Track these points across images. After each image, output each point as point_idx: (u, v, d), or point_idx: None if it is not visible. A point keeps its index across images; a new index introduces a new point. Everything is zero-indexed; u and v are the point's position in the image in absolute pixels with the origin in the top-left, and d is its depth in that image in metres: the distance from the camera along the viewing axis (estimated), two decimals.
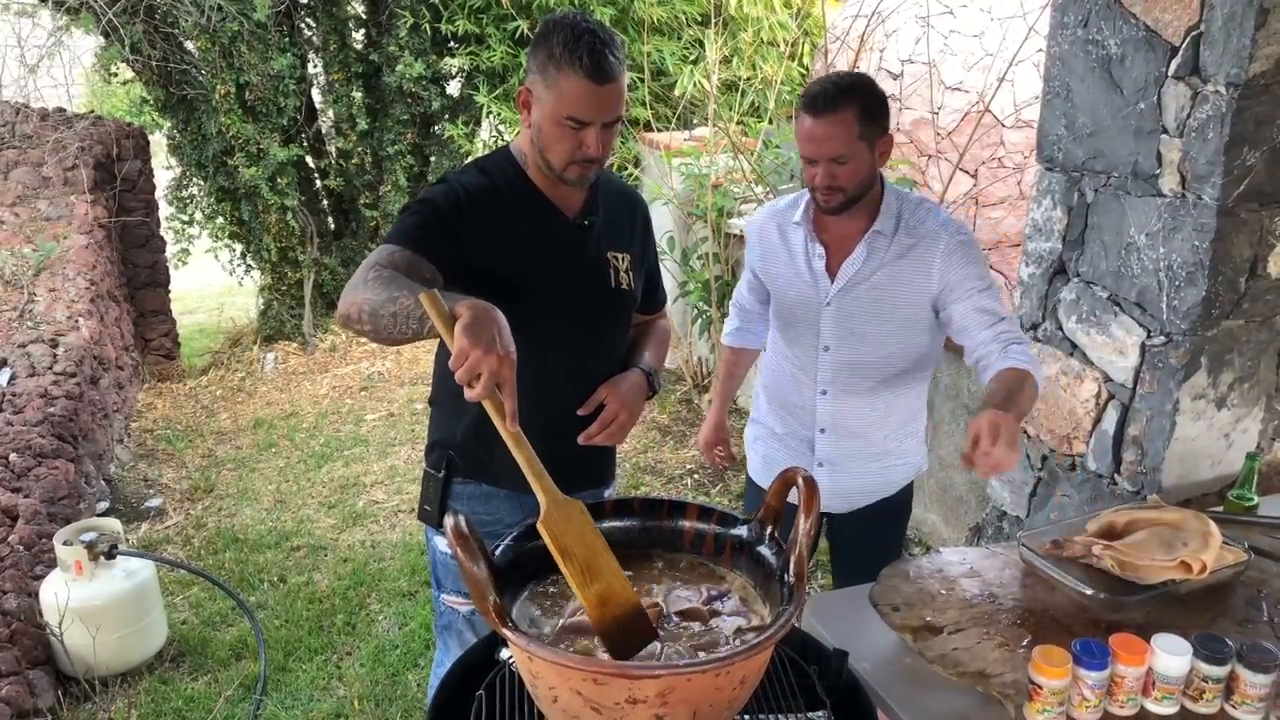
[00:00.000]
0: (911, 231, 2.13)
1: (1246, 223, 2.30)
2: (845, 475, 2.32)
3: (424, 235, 1.75)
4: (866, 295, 2.16)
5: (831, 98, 2.00)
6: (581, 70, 1.70)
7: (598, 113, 1.75)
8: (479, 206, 1.84)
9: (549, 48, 1.72)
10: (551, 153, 1.80)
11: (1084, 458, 2.70)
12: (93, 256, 5.50)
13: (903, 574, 1.97)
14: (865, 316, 2.17)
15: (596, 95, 1.73)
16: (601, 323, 1.99)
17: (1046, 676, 1.52)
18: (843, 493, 2.34)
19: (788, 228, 2.25)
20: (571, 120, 1.74)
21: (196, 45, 6.04)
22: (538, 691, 1.36)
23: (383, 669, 3.26)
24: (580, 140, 1.76)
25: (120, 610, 3.17)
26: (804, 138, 2.04)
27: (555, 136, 1.77)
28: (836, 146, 2.01)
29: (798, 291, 2.23)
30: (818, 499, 1.46)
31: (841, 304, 2.17)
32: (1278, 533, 2.15)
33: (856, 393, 2.24)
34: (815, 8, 5.85)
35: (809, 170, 2.07)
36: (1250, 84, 2.16)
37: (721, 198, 5.03)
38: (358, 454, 5.12)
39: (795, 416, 2.34)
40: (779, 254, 2.26)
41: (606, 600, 1.40)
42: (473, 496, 2.02)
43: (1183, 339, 2.38)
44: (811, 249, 2.19)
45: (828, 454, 2.31)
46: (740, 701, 1.38)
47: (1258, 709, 1.55)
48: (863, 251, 2.14)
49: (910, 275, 2.13)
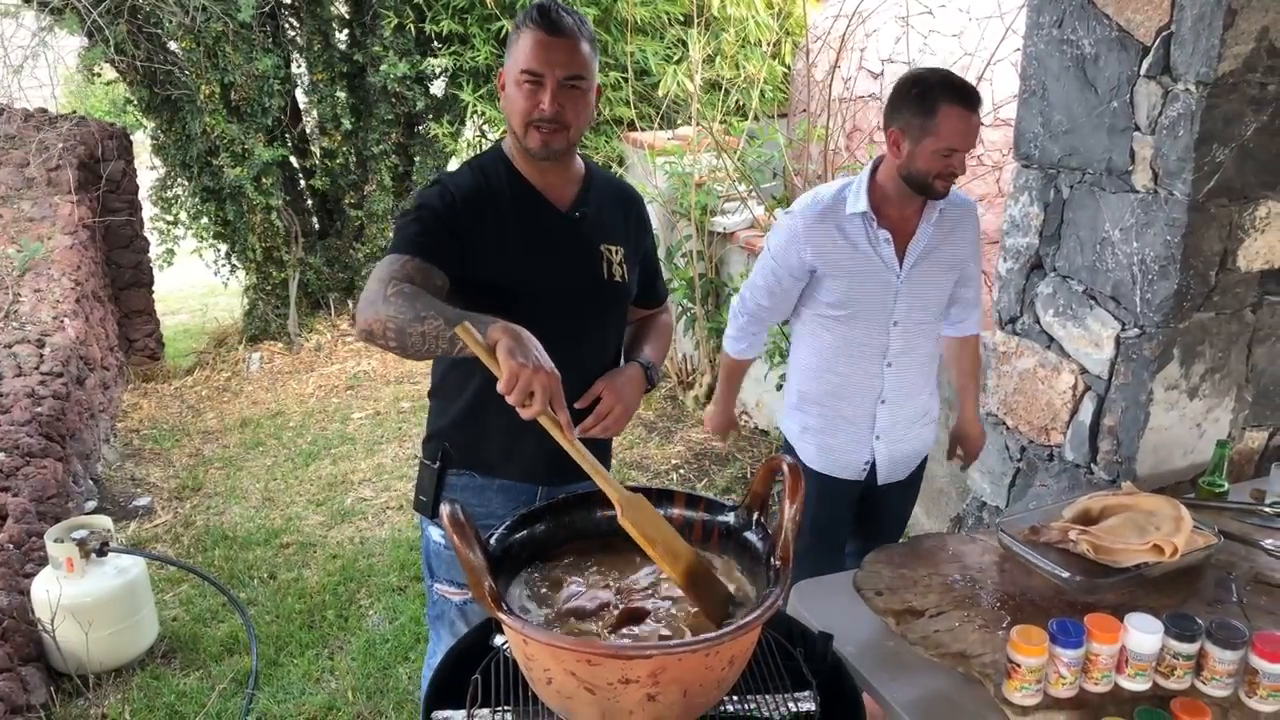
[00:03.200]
0: (952, 204, 2.37)
1: (1216, 217, 2.37)
2: (899, 442, 2.49)
3: (429, 242, 1.79)
4: (934, 267, 2.38)
5: (977, 94, 2.18)
6: (532, 24, 1.79)
7: (550, 65, 1.79)
8: (472, 203, 1.88)
9: (515, 22, 1.84)
10: (513, 118, 1.85)
11: (1061, 448, 2.76)
12: (77, 257, 5.50)
13: (885, 559, 2.02)
14: (932, 286, 2.39)
15: (548, 46, 1.79)
16: (595, 314, 2.02)
17: (1024, 655, 1.58)
18: (900, 458, 2.51)
19: (844, 222, 2.32)
20: (527, 74, 1.80)
21: (180, 45, 6.03)
22: (532, 674, 1.40)
23: (374, 662, 3.29)
24: (537, 100, 1.80)
25: (112, 607, 3.19)
26: (960, 131, 2.15)
27: (514, 98, 1.83)
28: (977, 139, 2.20)
29: (870, 278, 2.33)
30: (802, 485, 1.51)
31: (913, 280, 2.35)
32: (1247, 517, 2.22)
33: (916, 358, 2.44)
34: (796, 8, 5.89)
35: (946, 160, 2.18)
36: (1219, 83, 2.22)
37: (705, 196, 5.07)
38: (345, 452, 5.14)
39: (855, 395, 2.44)
40: (840, 249, 2.32)
41: (693, 573, 1.50)
42: (466, 488, 2.05)
43: (1156, 331, 2.45)
44: (877, 235, 2.31)
45: (885, 425, 2.46)
46: (729, 682, 1.42)
47: (1226, 684, 1.61)
48: (927, 229, 2.34)
49: (960, 242, 2.41)
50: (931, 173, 2.19)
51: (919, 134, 2.17)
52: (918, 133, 2.17)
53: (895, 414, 2.45)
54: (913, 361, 2.43)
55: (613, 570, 1.62)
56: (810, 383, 2.49)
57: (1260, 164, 2.36)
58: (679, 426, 5.23)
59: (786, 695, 1.54)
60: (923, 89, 2.16)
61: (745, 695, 1.54)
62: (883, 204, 2.30)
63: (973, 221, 2.44)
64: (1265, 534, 2.13)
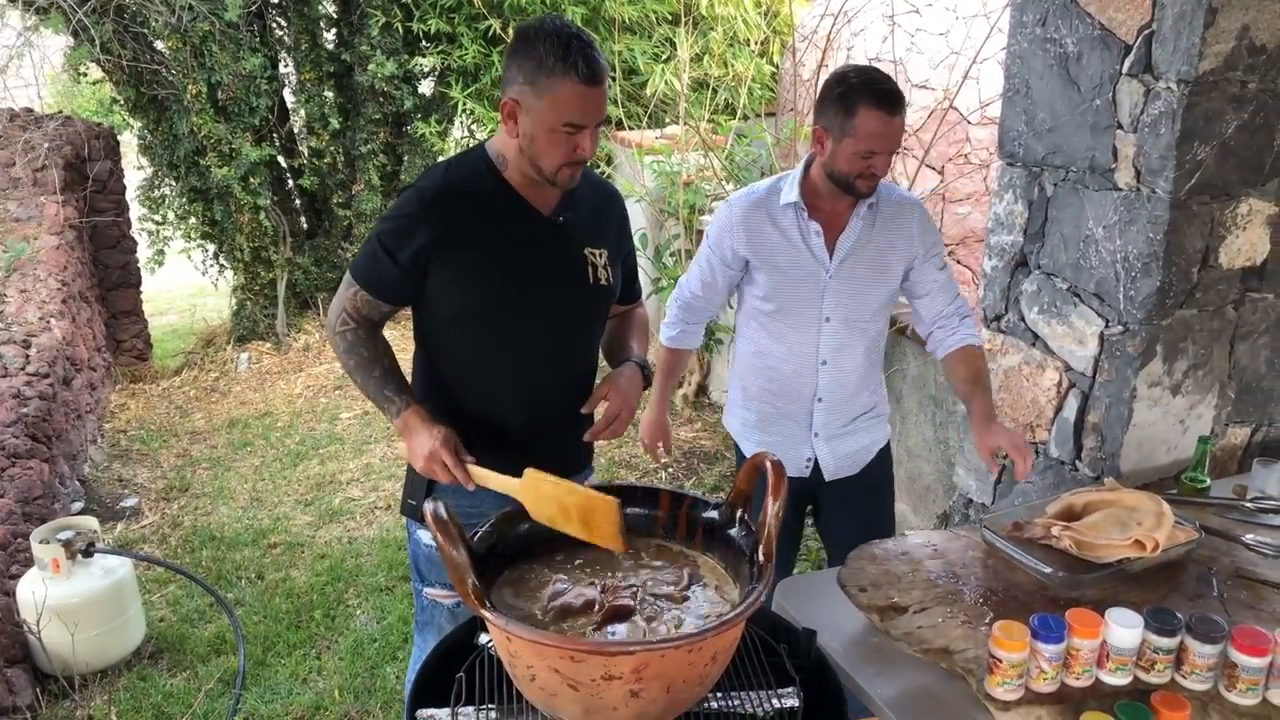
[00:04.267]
0: (888, 201, 2.35)
1: (1198, 215, 2.38)
2: (840, 439, 2.47)
3: (378, 279, 1.95)
4: (864, 264, 2.34)
5: (899, 99, 2.14)
6: (577, 76, 1.73)
7: (593, 116, 1.80)
8: (451, 211, 1.88)
9: (537, 57, 1.74)
10: (546, 159, 1.82)
11: (1046, 445, 2.77)
12: (64, 257, 5.48)
13: (869, 556, 2.03)
14: (863, 283, 2.35)
15: (591, 99, 1.77)
16: (581, 318, 2.03)
17: (1006, 650, 1.59)
18: (844, 454, 2.49)
19: (776, 212, 2.33)
20: (569, 126, 1.77)
21: (167, 45, 6.01)
22: (516, 671, 1.41)
23: (361, 661, 3.29)
24: (575, 144, 1.80)
25: (98, 608, 3.18)
26: (879, 134, 2.13)
27: (550, 143, 1.80)
28: (899, 142, 2.17)
29: (800, 269, 2.33)
30: (785, 482, 1.51)
31: (842, 275, 2.33)
32: (1228, 512, 2.23)
33: (852, 357, 2.40)
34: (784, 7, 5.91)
35: (865, 161, 2.17)
36: (1200, 81, 2.24)
37: (693, 195, 5.08)
38: (333, 452, 5.14)
39: (792, 393, 2.43)
40: (771, 239, 2.33)
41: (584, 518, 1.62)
42: (457, 490, 2.04)
43: (1139, 328, 2.46)
44: (807, 227, 2.30)
45: (823, 423, 2.45)
46: (712, 678, 1.43)
47: (1206, 678, 1.62)
48: (857, 224, 2.31)
49: (897, 241, 2.36)
50: (852, 173, 2.18)
51: (839, 134, 2.16)
52: (838, 133, 2.16)
53: (833, 412, 2.44)
54: (848, 361, 2.40)
55: (598, 567, 1.62)
56: (749, 379, 2.50)
57: (1241, 161, 2.37)
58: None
59: (770, 691, 1.55)
60: (845, 89, 2.14)
61: (729, 692, 1.55)
62: (815, 197, 2.31)
63: (914, 220, 2.37)
64: (1246, 529, 2.14)
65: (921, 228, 2.38)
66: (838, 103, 2.15)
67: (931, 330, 2.45)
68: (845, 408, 2.46)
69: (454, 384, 2.02)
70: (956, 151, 5.15)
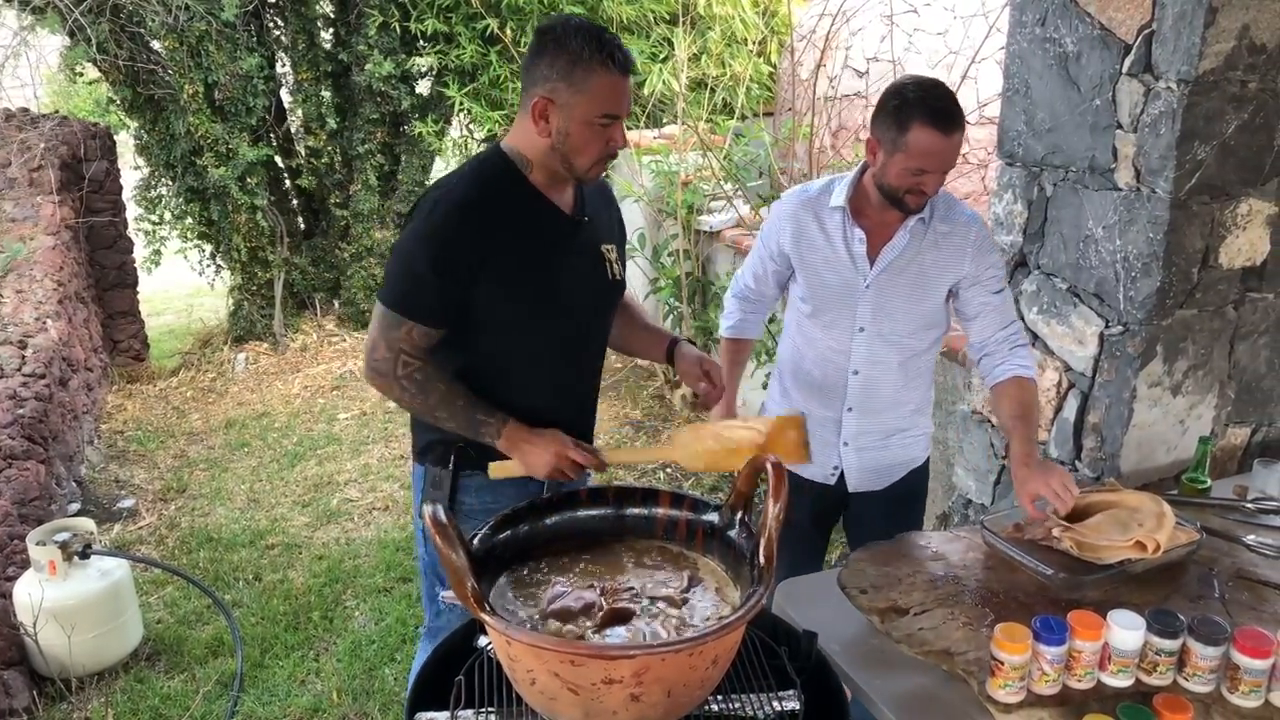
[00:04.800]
0: (946, 219, 2.26)
1: (1198, 215, 2.38)
2: (870, 451, 2.40)
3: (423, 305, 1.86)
4: (904, 278, 2.26)
5: (956, 117, 2.06)
6: (615, 67, 1.78)
7: (626, 106, 1.84)
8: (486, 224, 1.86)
9: (571, 53, 1.76)
10: (581, 155, 1.84)
11: (1046, 445, 2.77)
12: (60, 258, 5.46)
13: (870, 558, 2.02)
14: (901, 298, 2.27)
15: (624, 89, 1.82)
16: (602, 315, 2.09)
17: (1007, 652, 1.58)
18: (871, 468, 2.42)
19: (823, 214, 2.29)
20: (606, 117, 1.80)
21: (164, 45, 5.99)
22: (516, 675, 1.40)
23: (360, 663, 3.28)
24: (609, 136, 1.83)
25: (95, 610, 3.17)
26: (932, 152, 2.05)
27: (587, 138, 1.82)
28: (954, 161, 2.10)
29: (837, 275, 2.28)
30: (786, 484, 1.51)
31: (880, 286, 2.26)
32: (1229, 513, 2.23)
33: (885, 371, 2.33)
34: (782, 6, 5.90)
35: (916, 178, 2.09)
36: (1200, 80, 2.23)
37: (691, 195, 5.07)
38: (331, 453, 5.13)
39: (823, 398, 2.39)
40: (815, 239, 2.30)
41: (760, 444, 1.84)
42: (481, 487, 2.03)
43: (1139, 328, 2.46)
44: (852, 233, 2.25)
45: (853, 432, 2.38)
46: (713, 681, 1.42)
47: (1208, 680, 1.62)
48: (904, 237, 2.23)
49: (947, 261, 2.26)
50: (901, 188, 2.12)
51: (891, 148, 2.10)
52: (890, 146, 2.10)
53: (863, 424, 2.37)
54: (881, 375, 2.33)
55: (598, 570, 1.62)
56: (788, 379, 2.47)
57: (1241, 161, 2.37)
58: (666, 425, 5.23)
59: (771, 694, 1.55)
60: (901, 102, 2.08)
61: (730, 695, 1.54)
62: (864, 205, 2.25)
63: (969, 241, 2.25)
64: (1247, 530, 2.14)
65: (978, 249, 2.26)
66: (892, 116, 2.08)
67: (980, 357, 2.34)
68: (877, 421, 2.37)
69: (488, 386, 1.97)
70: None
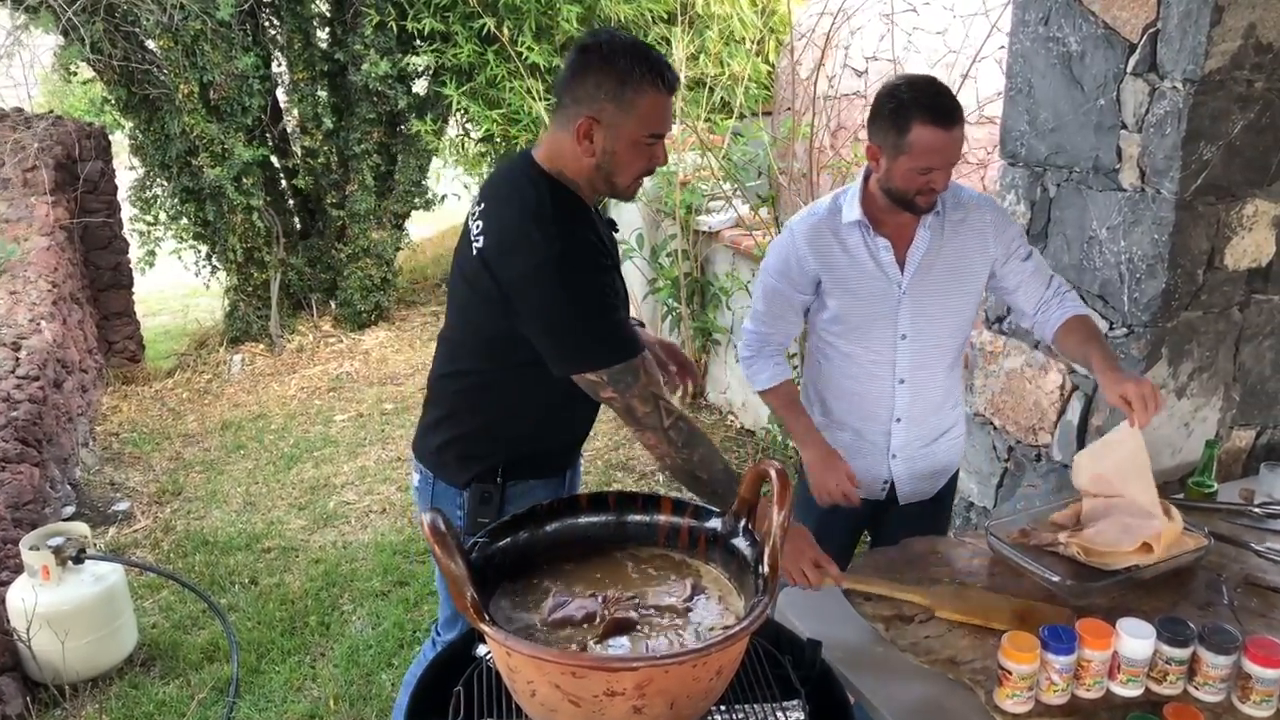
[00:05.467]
0: (958, 206, 2.21)
1: (1204, 216, 2.35)
2: (918, 460, 2.33)
3: (632, 341, 1.81)
4: (936, 274, 2.20)
5: (955, 111, 2.02)
6: (664, 86, 1.77)
7: (670, 124, 1.83)
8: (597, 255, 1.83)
9: (619, 72, 1.74)
10: (624, 174, 1.82)
11: (1049, 448, 2.75)
12: (54, 259, 5.43)
13: (874, 565, 2.00)
14: (939, 295, 2.21)
15: (670, 107, 1.81)
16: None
17: (1015, 662, 1.56)
18: (920, 475, 2.34)
19: (841, 231, 2.21)
20: (653, 136, 1.79)
21: (158, 44, 5.96)
22: (516, 686, 1.37)
23: (357, 669, 3.25)
24: (652, 154, 1.82)
25: (89, 615, 3.14)
26: (935, 149, 2.01)
27: (633, 156, 1.80)
28: (958, 155, 2.06)
29: (871, 289, 2.20)
30: (790, 491, 1.48)
31: (916, 289, 2.20)
32: (1236, 518, 2.20)
33: (932, 374, 2.27)
34: (781, 5, 5.87)
35: (924, 178, 2.05)
36: (1206, 80, 2.21)
37: (690, 195, 5.05)
38: (327, 455, 5.09)
39: (869, 414, 2.30)
40: (839, 259, 2.21)
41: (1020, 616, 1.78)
42: (522, 495, 1.99)
43: (1144, 330, 2.43)
44: (875, 244, 2.18)
45: (901, 444, 2.30)
46: (717, 692, 1.40)
47: (1219, 689, 1.59)
48: (925, 235, 2.18)
49: (973, 246, 2.21)
50: (910, 190, 2.07)
51: (894, 151, 2.05)
52: (893, 150, 2.05)
53: (911, 432, 2.30)
54: (929, 378, 2.27)
55: (598, 578, 1.59)
56: (829, 399, 2.35)
57: (1247, 161, 2.35)
58: None
59: (775, 704, 1.52)
60: (897, 104, 2.04)
61: (733, 705, 1.52)
62: (878, 212, 2.19)
63: (987, 221, 2.21)
64: (1255, 535, 2.11)
65: (997, 227, 2.22)
66: (890, 119, 2.04)
67: (1035, 320, 2.28)
68: (925, 426, 2.31)
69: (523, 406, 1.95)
70: None
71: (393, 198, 6.73)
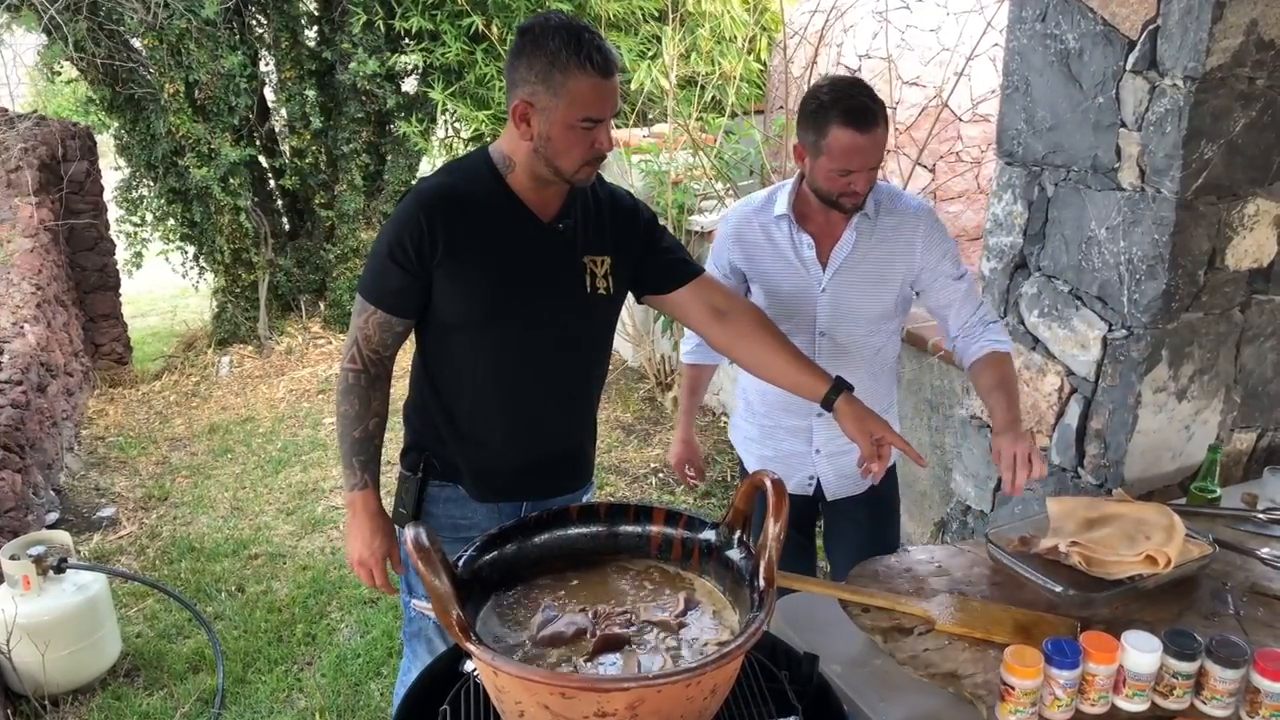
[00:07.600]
0: (891, 213, 2.24)
1: (1205, 216, 2.31)
2: (843, 456, 2.36)
3: (391, 291, 1.86)
4: (858, 277, 2.24)
5: (873, 114, 2.03)
6: (594, 69, 1.70)
7: (609, 108, 1.76)
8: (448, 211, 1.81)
9: (548, 54, 1.69)
10: (564, 159, 1.77)
11: (1047, 451, 2.71)
12: (38, 260, 5.36)
13: (871, 574, 1.95)
14: (858, 297, 2.25)
15: (606, 91, 1.73)
16: (578, 326, 1.96)
17: (1018, 677, 1.51)
18: (844, 474, 2.39)
19: (769, 224, 2.26)
20: (587, 121, 1.73)
21: (143, 43, 5.89)
22: (504, 706, 1.33)
23: (345, 679, 3.19)
24: (593, 139, 1.76)
25: (71, 625, 3.07)
26: (850, 151, 2.03)
27: (569, 141, 1.75)
28: (879, 157, 2.07)
29: (792, 283, 2.25)
30: (786, 502, 1.44)
31: (835, 288, 2.24)
32: (1240, 524, 2.16)
33: (852, 375, 2.21)
34: (772, 3, 5.83)
35: (844, 179, 2.07)
36: (1207, 77, 2.17)
37: (682, 194, 5.00)
38: (316, 458, 5.03)
39: (790, 408, 2.34)
40: (764, 251, 2.27)
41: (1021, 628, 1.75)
42: (449, 500, 2.00)
43: (1143, 332, 2.39)
44: (799, 240, 2.23)
45: (825, 439, 2.35)
46: (711, 711, 1.35)
47: (1227, 704, 1.55)
48: (851, 235, 2.21)
49: (896, 254, 2.24)
50: (833, 191, 2.10)
51: (815, 152, 2.08)
52: (814, 150, 2.08)
53: (833, 428, 2.23)
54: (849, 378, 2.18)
55: (588, 592, 1.54)
56: (752, 394, 2.43)
57: (1249, 160, 2.31)
58: (657, 429, 5.16)
59: None
60: (817, 105, 2.06)
61: None
62: (808, 209, 2.23)
63: (918, 233, 2.23)
64: (1260, 542, 2.07)
65: (928, 240, 2.23)
66: (810, 120, 2.08)
67: (955, 342, 2.30)
68: None
69: (446, 393, 1.96)
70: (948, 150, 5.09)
71: (382, 198, 6.67)
